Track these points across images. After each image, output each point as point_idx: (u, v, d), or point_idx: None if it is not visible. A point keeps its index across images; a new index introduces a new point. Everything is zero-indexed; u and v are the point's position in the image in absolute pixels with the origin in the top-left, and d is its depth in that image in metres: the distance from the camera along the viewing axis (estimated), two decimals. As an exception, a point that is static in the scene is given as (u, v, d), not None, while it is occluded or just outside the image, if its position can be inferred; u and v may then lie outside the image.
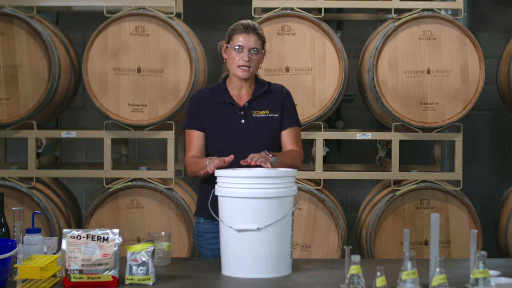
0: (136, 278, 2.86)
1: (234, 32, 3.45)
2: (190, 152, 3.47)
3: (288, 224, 3.05)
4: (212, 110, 3.48)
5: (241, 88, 3.50)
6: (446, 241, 5.05)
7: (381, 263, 2.81)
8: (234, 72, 3.45)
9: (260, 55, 3.45)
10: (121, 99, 5.01)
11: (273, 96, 3.52)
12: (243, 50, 3.41)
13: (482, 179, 6.01)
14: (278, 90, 3.55)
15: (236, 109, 3.47)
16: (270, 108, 3.49)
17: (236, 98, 3.49)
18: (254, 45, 3.42)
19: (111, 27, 5.00)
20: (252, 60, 3.42)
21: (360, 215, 5.46)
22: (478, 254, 2.72)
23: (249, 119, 3.46)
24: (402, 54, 5.00)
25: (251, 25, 3.44)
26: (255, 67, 3.44)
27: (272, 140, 3.47)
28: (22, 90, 5.03)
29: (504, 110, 5.79)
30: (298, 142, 3.53)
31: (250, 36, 3.42)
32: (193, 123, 3.49)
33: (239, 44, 3.41)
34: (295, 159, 3.45)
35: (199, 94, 3.54)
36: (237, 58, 3.41)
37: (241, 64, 3.41)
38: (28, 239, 3.01)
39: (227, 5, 6.30)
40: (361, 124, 6.26)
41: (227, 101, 3.47)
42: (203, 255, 3.52)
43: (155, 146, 6.25)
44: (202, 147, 3.48)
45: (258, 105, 3.48)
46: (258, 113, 3.48)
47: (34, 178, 5.11)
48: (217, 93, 3.50)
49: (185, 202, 5.09)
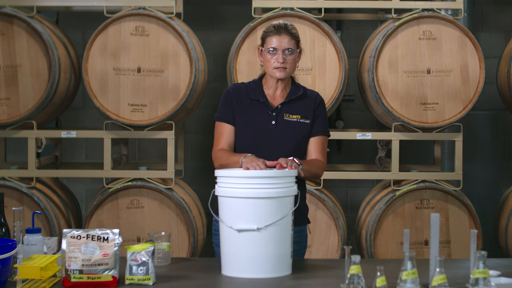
0: (136, 278, 2.86)
1: (266, 34, 3.43)
2: (219, 145, 3.43)
3: (288, 224, 3.05)
4: (244, 106, 3.44)
5: (276, 88, 3.47)
6: (446, 241, 5.05)
7: (381, 263, 2.81)
8: (271, 74, 3.42)
9: (295, 54, 3.42)
10: (121, 99, 5.01)
11: (307, 102, 3.48)
12: (277, 52, 3.38)
13: (482, 179, 6.01)
14: (313, 96, 3.51)
15: (268, 109, 3.43)
16: (302, 113, 3.46)
17: (270, 98, 3.46)
18: (288, 46, 3.39)
19: (111, 27, 5.00)
20: (287, 61, 3.39)
21: (360, 215, 5.46)
22: (478, 254, 2.72)
23: (280, 121, 3.43)
24: (402, 54, 5.00)
25: (282, 26, 3.42)
26: (291, 67, 3.42)
27: (299, 145, 3.44)
28: (22, 90, 5.03)
29: (504, 110, 5.79)
30: (323, 151, 3.49)
31: (282, 37, 3.39)
32: (225, 116, 3.45)
33: (273, 46, 3.39)
34: (319, 169, 3.43)
35: (235, 88, 3.49)
36: (272, 61, 3.39)
37: (276, 66, 3.38)
38: (28, 239, 3.01)
39: (227, 5, 6.30)
40: (361, 124, 6.27)
41: (260, 100, 3.44)
42: (218, 255, 3.44)
43: (155, 146, 6.25)
44: (232, 142, 3.44)
45: (291, 109, 3.45)
46: (290, 116, 3.45)
47: (34, 178, 5.11)
48: (252, 91, 3.47)
49: (185, 202, 5.09)
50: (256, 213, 2.98)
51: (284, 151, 3.36)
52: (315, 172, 3.39)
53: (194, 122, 6.19)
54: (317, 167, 3.41)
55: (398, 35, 5.01)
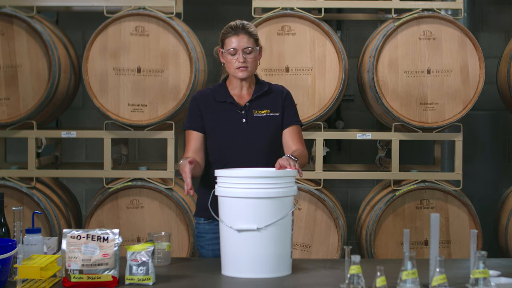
0: (136, 278, 2.86)
1: (225, 36, 3.47)
2: (186, 153, 3.48)
3: (288, 224, 3.05)
4: (213, 110, 3.49)
5: (242, 88, 3.51)
6: (446, 241, 5.05)
7: (381, 263, 2.81)
8: (234, 74, 3.46)
9: (255, 53, 3.46)
10: (121, 99, 5.01)
11: (274, 96, 3.53)
12: (237, 52, 3.42)
13: (482, 179, 6.01)
14: (278, 90, 3.56)
15: (237, 109, 3.48)
16: (271, 108, 3.50)
17: (237, 98, 3.50)
18: (247, 45, 3.43)
19: (111, 27, 5.00)
20: (248, 60, 3.43)
21: (360, 215, 5.46)
22: (478, 254, 2.72)
23: (250, 118, 3.47)
24: (402, 54, 5.00)
25: (239, 26, 3.45)
26: (252, 65, 3.46)
27: (272, 139, 3.48)
28: (22, 90, 5.03)
29: (504, 110, 5.79)
30: (301, 140, 3.53)
31: (241, 37, 3.43)
32: (192, 123, 3.50)
33: (232, 47, 3.43)
34: (305, 157, 3.47)
35: (200, 95, 3.55)
36: (233, 61, 3.43)
37: (237, 66, 3.42)
38: (28, 239, 3.01)
39: (227, 5, 6.30)
40: (361, 124, 6.27)
41: (228, 101, 3.48)
42: (203, 256, 3.52)
43: (155, 146, 6.25)
44: (199, 148, 3.48)
45: (259, 105, 3.50)
46: (259, 112, 3.49)
47: (34, 178, 5.11)
48: (218, 93, 3.51)
49: (185, 202, 5.09)
50: (256, 213, 2.98)
51: (258, 147, 3.42)
52: (303, 163, 3.42)
53: (194, 122, 6.18)
54: (302, 155, 3.43)
55: (398, 35, 5.01)
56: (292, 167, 3.15)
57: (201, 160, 3.45)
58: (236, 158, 3.38)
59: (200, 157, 3.47)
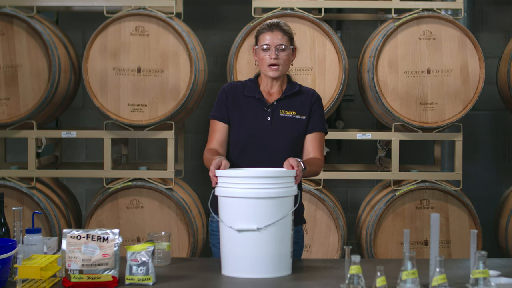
0: (136, 278, 2.86)
1: (260, 32, 3.43)
2: (210, 143, 3.44)
3: (288, 224, 3.05)
4: (240, 103, 3.44)
5: (272, 86, 3.46)
6: (446, 241, 5.05)
7: (381, 263, 2.81)
8: (265, 72, 3.41)
9: (288, 51, 3.40)
10: (121, 99, 5.01)
11: (303, 98, 3.47)
12: (270, 49, 3.38)
13: (482, 179, 6.01)
14: (309, 93, 3.51)
15: (264, 106, 3.43)
16: (298, 110, 3.45)
17: (266, 95, 3.45)
18: (280, 42, 3.38)
19: (111, 27, 5.00)
20: (280, 57, 3.38)
21: (360, 215, 5.46)
22: (478, 254, 2.72)
23: (276, 118, 3.42)
24: (402, 54, 5.00)
25: (275, 23, 3.42)
26: (284, 64, 3.40)
27: (295, 141, 3.42)
28: (22, 90, 5.03)
29: (504, 110, 5.79)
30: (321, 149, 3.47)
31: (275, 34, 3.38)
32: (218, 114, 3.45)
33: (266, 43, 3.38)
34: (318, 168, 3.41)
35: (230, 86, 3.50)
36: (265, 58, 3.38)
37: (269, 63, 3.38)
38: (28, 239, 3.01)
39: (227, 5, 6.30)
40: (361, 124, 6.27)
41: (256, 96, 3.43)
42: (215, 255, 3.46)
43: (155, 146, 6.25)
44: (223, 140, 3.44)
45: (286, 105, 3.44)
46: (285, 112, 3.43)
47: (34, 178, 5.11)
48: (248, 88, 3.46)
49: (185, 202, 5.09)
50: (256, 213, 2.98)
51: (280, 147, 3.37)
52: (314, 171, 3.38)
53: (194, 122, 6.19)
54: (316, 165, 3.40)
55: (398, 35, 5.01)
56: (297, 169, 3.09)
57: (224, 153, 3.42)
58: (255, 155, 3.34)
59: (224, 149, 3.43)
